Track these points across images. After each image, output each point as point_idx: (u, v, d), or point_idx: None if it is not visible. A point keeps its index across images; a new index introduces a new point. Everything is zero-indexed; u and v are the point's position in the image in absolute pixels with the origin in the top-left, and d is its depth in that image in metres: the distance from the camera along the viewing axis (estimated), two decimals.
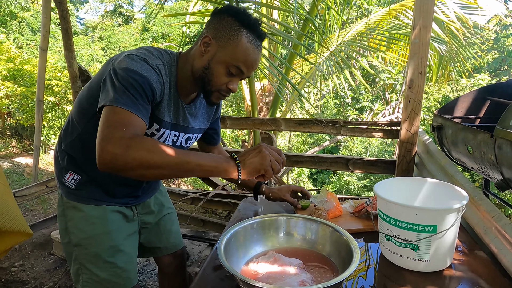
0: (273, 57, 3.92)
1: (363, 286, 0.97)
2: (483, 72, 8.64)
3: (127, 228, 1.18)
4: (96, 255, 1.09)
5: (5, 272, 2.36)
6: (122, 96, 0.85)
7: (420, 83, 1.86)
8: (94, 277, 1.09)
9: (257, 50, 0.99)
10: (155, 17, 12.06)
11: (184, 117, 1.09)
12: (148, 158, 0.79)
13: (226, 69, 0.98)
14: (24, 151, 5.91)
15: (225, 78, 0.99)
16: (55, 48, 10.37)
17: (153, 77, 0.92)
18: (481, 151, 1.27)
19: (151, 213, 1.30)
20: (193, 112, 1.13)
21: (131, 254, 1.17)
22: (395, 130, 2.20)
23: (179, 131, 1.10)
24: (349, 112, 8.88)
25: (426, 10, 1.79)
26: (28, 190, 2.57)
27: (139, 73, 0.89)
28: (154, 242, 1.32)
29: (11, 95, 5.40)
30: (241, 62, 0.97)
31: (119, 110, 0.84)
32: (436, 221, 0.95)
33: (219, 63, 0.98)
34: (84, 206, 1.09)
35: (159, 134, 1.04)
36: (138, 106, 0.87)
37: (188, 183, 6.16)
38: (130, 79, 0.87)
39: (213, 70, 0.98)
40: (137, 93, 0.88)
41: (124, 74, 0.88)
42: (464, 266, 1.03)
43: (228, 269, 0.84)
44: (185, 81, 1.04)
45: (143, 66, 0.91)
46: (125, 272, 1.12)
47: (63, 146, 1.08)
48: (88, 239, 1.09)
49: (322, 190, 1.42)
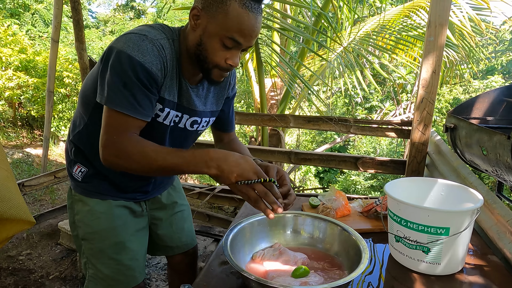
0: (284, 53, 3.89)
1: (372, 286, 0.95)
2: (496, 74, 8.49)
3: (135, 224, 1.13)
4: (101, 251, 1.07)
5: (13, 260, 2.39)
6: (117, 94, 0.84)
7: (434, 83, 1.82)
8: (98, 273, 1.07)
9: (254, 15, 0.85)
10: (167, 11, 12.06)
11: (188, 98, 1.00)
12: (135, 167, 0.86)
13: (220, 43, 0.87)
14: (34, 142, 5.98)
15: (221, 53, 0.88)
16: (67, 40, 10.45)
17: (153, 58, 0.85)
18: (497, 153, 1.23)
19: (162, 209, 1.24)
20: (200, 94, 1.03)
21: (138, 251, 1.12)
22: (406, 130, 2.16)
23: (183, 113, 1.01)
24: (358, 112, 8.80)
25: (442, 7, 1.74)
26: (37, 180, 2.59)
27: (135, 59, 0.83)
28: (166, 241, 1.27)
29: (23, 85, 5.46)
30: (235, 32, 0.85)
31: (113, 114, 0.85)
32: (449, 224, 0.92)
33: (211, 37, 0.87)
34: (90, 200, 1.07)
35: (163, 114, 0.96)
36: (134, 104, 0.84)
37: (195, 178, 6.18)
38: (127, 71, 0.83)
39: (207, 45, 0.88)
40: (134, 87, 0.84)
41: (119, 65, 0.83)
42: (476, 271, 1.00)
43: (234, 266, 0.82)
44: (186, 59, 0.95)
45: (142, 45, 0.84)
46: (130, 270, 1.09)
47: (72, 137, 1.07)
48: (93, 234, 1.07)
49: (330, 188, 1.40)
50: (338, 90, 7.43)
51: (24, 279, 2.21)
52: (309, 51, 3.83)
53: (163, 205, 1.24)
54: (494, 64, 9.17)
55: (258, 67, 3.00)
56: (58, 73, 5.49)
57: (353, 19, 3.78)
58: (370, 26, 4.07)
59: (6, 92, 5.30)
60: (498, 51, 9.20)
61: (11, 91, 5.32)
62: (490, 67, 9.05)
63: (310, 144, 9.49)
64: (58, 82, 5.54)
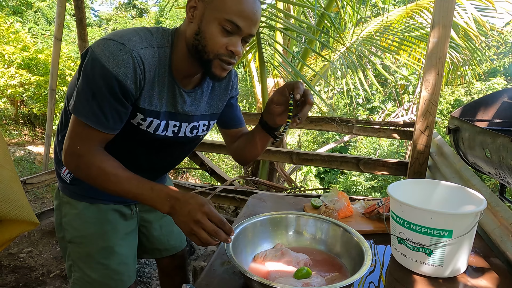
0: (286, 53, 3.89)
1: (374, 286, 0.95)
2: (498, 76, 8.47)
3: (124, 227, 1.12)
4: (88, 255, 1.06)
5: (14, 258, 2.39)
6: (85, 105, 0.83)
7: (437, 84, 1.82)
8: (85, 277, 1.06)
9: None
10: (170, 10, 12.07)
11: (183, 105, 0.95)
12: (92, 182, 0.87)
13: (219, 27, 0.82)
14: (35, 139, 5.99)
15: (221, 38, 0.83)
16: (69, 38, 10.47)
17: (128, 70, 0.82)
18: (500, 156, 1.22)
19: (152, 211, 1.22)
20: (198, 98, 0.99)
21: (127, 254, 1.11)
22: (409, 131, 2.16)
23: (181, 121, 0.98)
24: (359, 112, 8.79)
25: (446, 8, 1.74)
26: (38, 178, 2.59)
27: (110, 71, 0.80)
28: (154, 243, 1.26)
29: (25, 83, 5.47)
30: (234, 13, 0.81)
31: (78, 123, 0.85)
32: (453, 226, 0.92)
33: (209, 22, 0.82)
34: (78, 203, 1.05)
35: (145, 123, 0.92)
36: (99, 116, 0.83)
37: (196, 177, 6.18)
38: (98, 82, 0.81)
39: (205, 32, 0.83)
40: (103, 99, 0.82)
41: (91, 74, 0.81)
42: (479, 274, 1.00)
43: (237, 266, 0.82)
44: (181, 62, 0.90)
45: (118, 55, 0.80)
46: (118, 275, 1.08)
47: (60, 138, 1.03)
48: (81, 238, 1.05)
49: (332, 189, 1.39)
50: (340, 90, 7.42)
51: (25, 276, 2.21)
52: (312, 51, 3.82)
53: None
54: (496, 66, 9.15)
55: (261, 66, 3.00)
56: (60, 71, 5.50)
57: (356, 19, 3.77)
58: (373, 27, 4.06)
59: (8, 90, 5.31)
60: (500, 53, 9.18)
61: (13, 89, 5.34)
62: (492, 69, 9.03)
63: (312, 144, 9.49)
64: (60, 80, 5.55)
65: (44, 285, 2.14)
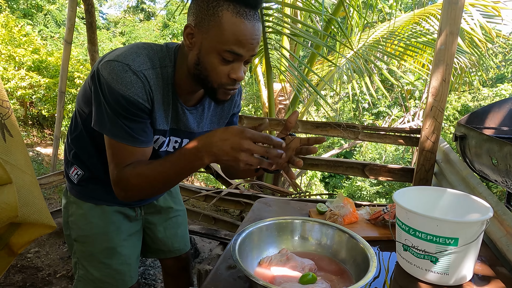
0: (293, 57, 3.91)
1: None
2: (506, 82, 8.40)
3: (128, 229, 1.14)
4: (91, 254, 1.09)
5: (21, 258, 2.42)
6: (117, 127, 0.84)
7: (444, 91, 1.82)
8: (88, 275, 1.09)
9: (250, 22, 0.78)
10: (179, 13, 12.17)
11: (186, 122, 0.97)
12: (144, 193, 0.90)
13: (219, 58, 0.81)
14: (44, 141, 6.06)
15: (222, 68, 0.82)
16: (78, 41, 10.60)
17: (138, 90, 0.83)
18: (507, 164, 1.22)
19: (157, 213, 1.25)
20: (199, 115, 1.00)
21: (129, 255, 1.13)
22: (415, 138, 2.16)
23: (182, 137, 1.00)
24: (365, 117, 8.77)
25: (453, 16, 1.74)
26: (46, 179, 2.63)
27: (121, 94, 0.81)
28: (158, 244, 1.28)
29: (35, 85, 5.54)
30: (232, 43, 0.78)
31: (117, 145, 0.86)
32: (458, 234, 0.92)
33: (208, 54, 0.81)
34: (84, 204, 1.07)
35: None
36: (133, 135, 0.85)
37: (201, 181, 6.20)
38: (117, 106, 0.82)
39: (205, 64, 0.82)
40: (128, 120, 0.84)
41: (110, 97, 0.82)
42: (485, 282, 0.99)
43: (243, 271, 0.83)
44: (184, 80, 0.90)
45: (125, 77, 0.81)
46: (119, 275, 1.11)
47: (70, 139, 1.06)
48: (85, 237, 1.08)
49: (338, 195, 1.40)
50: (345, 95, 7.42)
51: (32, 276, 2.23)
52: (318, 56, 3.84)
53: (158, 210, 1.25)
54: (504, 72, 9.08)
55: (267, 71, 3.02)
56: (69, 74, 5.57)
57: (363, 24, 3.78)
58: (380, 32, 4.07)
59: (18, 91, 5.38)
60: (508, 59, 9.11)
61: (23, 91, 5.41)
62: (499, 75, 8.97)
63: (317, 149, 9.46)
64: (69, 83, 5.62)
65: (50, 285, 2.16)
